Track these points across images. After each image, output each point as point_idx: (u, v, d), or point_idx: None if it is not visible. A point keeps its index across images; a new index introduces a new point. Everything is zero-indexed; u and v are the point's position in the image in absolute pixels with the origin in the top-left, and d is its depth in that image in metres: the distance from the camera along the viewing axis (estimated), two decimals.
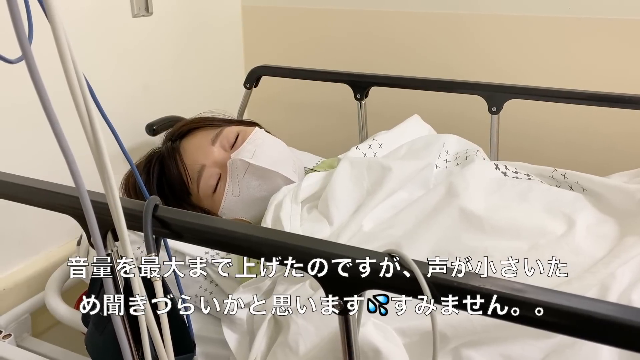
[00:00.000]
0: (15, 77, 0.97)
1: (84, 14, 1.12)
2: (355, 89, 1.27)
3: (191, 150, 0.98)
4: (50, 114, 0.33)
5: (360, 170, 0.89)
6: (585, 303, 0.42)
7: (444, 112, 1.31)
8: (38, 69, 0.32)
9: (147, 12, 1.27)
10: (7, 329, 0.99)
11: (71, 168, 0.36)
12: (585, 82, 1.22)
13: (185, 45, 1.40)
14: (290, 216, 0.83)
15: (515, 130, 1.28)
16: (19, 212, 1.03)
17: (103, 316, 0.67)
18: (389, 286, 0.48)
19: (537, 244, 0.74)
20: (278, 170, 0.94)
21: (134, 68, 1.27)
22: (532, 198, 0.84)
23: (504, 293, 0.44)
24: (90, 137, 0.38)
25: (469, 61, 1.37)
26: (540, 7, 1.26)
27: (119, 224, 0.43)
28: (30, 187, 0.61)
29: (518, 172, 0.94)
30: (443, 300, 0.45)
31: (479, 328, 0.60)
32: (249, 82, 1.36)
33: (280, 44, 1.59)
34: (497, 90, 1.15)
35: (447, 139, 1.02)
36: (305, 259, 0.50)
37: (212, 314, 0.85)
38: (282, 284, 0.76)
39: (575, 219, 0.77)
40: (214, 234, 0.55)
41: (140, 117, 1.28)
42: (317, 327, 0.66)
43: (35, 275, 1.09)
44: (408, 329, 0.63)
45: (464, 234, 0.77)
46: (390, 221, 0.83)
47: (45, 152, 1.04)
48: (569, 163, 1.03)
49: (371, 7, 1.44)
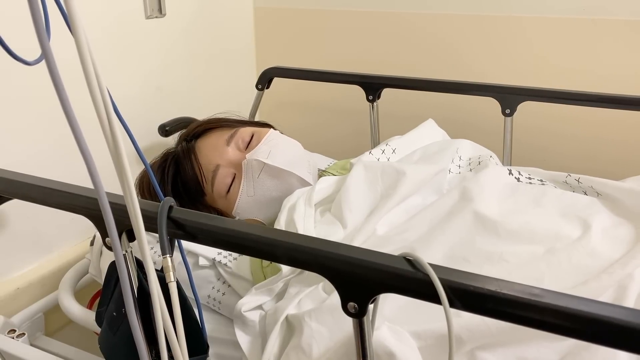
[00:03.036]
0: (29, 79, 0.99)
1: (98, 16, 1.13)
2: (367, 90, 1.27)
3: (206, 150, 0.99)
4: (70, 116, 0.33)
5: (375, 174, 0.89)
6: (603, 308, 0.41)
7: (456, 114, 1.30)
8: (59, 72, 0.32)
9: (160, 14, 1.27)
10: (21, 327, 1.00)
11: (90, 170, 0.36)
12: (600, 84, 1.21)
13: (198, 47, 1.41)
14: (304, 218, 0.83)
15: (529, 132, 1.28)
16: (33, 212, 1.04)
17: (117, 316, 0.67)
18: (404, 290, 0.47)
19: (552, 248, 0.73)
20: (293, 170, 0.94)
21: (147, 69, 1.27)
22: (546, 203, 0.83)
23: (521, 297, 0.43)
24: (109, 140, 0.38)
25: (483, 63, 1.36)
26: (555, 9, 1.26)
27: (137, 226, 0.43)
28: (47, 188, 0.61)
29: (531, 178, 0.93)
30: (459, 304, 0.44)
31: (494, 331, 0.60)
32: (261, 83, 1.37)
33: (291, 46, 1.59)
34: (511, 92, 1.14)
35: (461, 144, 1.02)
36: (320, 262, 0.50)
37: (225, 315, 0.85)
38: (294, 286, 0.76)
39: (590, 223, 0.76)
40: (229, 235, 0.55)
41: (153, 118, 1.29)
42: (331, 330, 0.66)
43: (48, 274, 1.10)
44: (423, 332, 0.63)
45: (478, 238, 0.77)
46: (404, 225, 0.83)
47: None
48: (582, 165, 1.02)
49: (383, 8, 1.43)
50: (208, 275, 0.87)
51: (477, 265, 0.72)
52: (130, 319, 0.48)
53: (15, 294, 1.04)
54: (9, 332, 0.92)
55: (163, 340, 0.48)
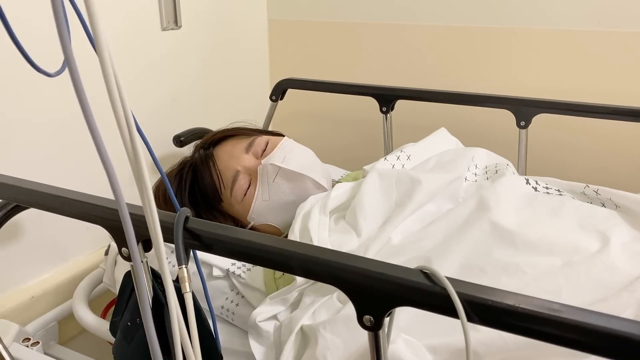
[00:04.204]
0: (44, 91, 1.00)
1: (115, 27, 1.15)
2: (381, 102, 1.27)
3: (225, 157, 1.00)
4: (93, 128, 0.34)
5: (389, 182, 0.89)
6: (625, 325, 0.40)
7: (471, 126, 1.29)
8: (82, 84, 0.33)
9: (176, 26, 1.29)
10: (35, 336, 1.00)
11: (111, 181, 0.37)
12: (615, 96, 1.20)
13: (213, 58, 1.42)
14: (319, 227, 0.83)
15: (544, 144, 1.27)
16: (48, 221, 1.05)
17: (131, 326, 0.68)
18: (421, 303, 0.47)
19: (570, 261, 0.72)
20: (308, 173, 0.95)
21: (163, 80, 1.29)
22: (564, 214, 0.83)
23: (540, 312, 0.42)
24: (130, 152, 0.38)
25: (497, 74, 1.36)
26: (571, 21, 1.25)
27: (155, 237, 0.44)
28: (65, 197, 0.62)
29: (549, 188, 0.92)
30: (477, 319, 0.44)
31: (511, 346, 0.59)
32: (275, 94, 1.37)
33: (305, 57, 1.60)
34: (526, 104, 1.14)
35: (477, 152, 1.01)
36: (336, 274, 0.50)
37: (238, 326, 0.85)
38: (309, 296, 0.76)
39: (609, 236, 0.75)
40: (245, 246, 0.55)
41: (168, 128, 1.30)
42: (346, 342, 0.65)
43: (63, 283, 1.11)
44: (439, 346, 0.62)
45: (495, 249, 0.76)
46: (420, 234, 0.83)
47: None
48: (599, 179, 1.01)
49: (397, 20, 1.44)
50: (222, 286, 0.87)
51: (493, 276, 0.72)
52: (148, 329, 0.48)
53: (30, 302, 1.05)
54: (23, 341, 0.93)
55: (179, 351, 0.48)
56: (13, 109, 0.98)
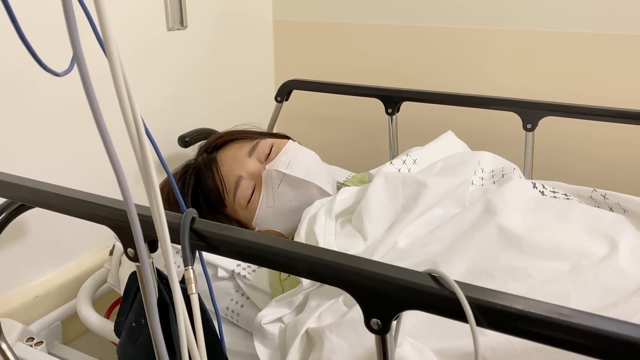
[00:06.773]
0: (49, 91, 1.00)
1: (121, 27, 1.15)
2: (387, 103, 1.27)
3: (228, 161, 0.99)
4: (102, 128, 0.33)
5: (395, 186, 0.88)
6: (635, 330, 0.40)
7: (477, 129, 1.29)
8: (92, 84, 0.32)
9: (181, 26, 1.29)
10: (39, 335, 1.00)
11: (120, 182, 0.36)
12: (622, 99, 1.20)
13: (218, 59, 1.42)
14: (325, 230, 0.83)
15: (550, 148, 1.26)
16: (53, 221, 1.05)
17: (136, 327, 0.67)
18: (429, 307, 0.47)
19: (578, 265, 0.72)
20: (312, 180, 0.94)
21: (168, 80, 1.29)
22: (571, 218, 0.82)
23: (550, 317, 0.42)
24: (138, 154, 0.38)
25: (504, 77, 1.35)
26: (577, 24, 1.25)
27: (162, 238, 0.43)
28: (71, 197, 0.61)
29: (556, 192, 0.92)
30: (485, 323, 0.44)
31: (519, 351, 0.59)
32: (280, 95, 1.37)
33: (310, 59, 1.60)
34: (532, 106, 1.13)
35: (483, 156, 1.01)
36: (343, 277, 0.50)
37: (243, 327, 0.85)
38: (315, 299, 0.76)
39: (618, 241, 0.75)
40: (251, 247, 0.55)
41: (173, 128, 1.30)
42: (351, 345, 0.65)
43: (67, 283, 1.11)
44: (446, 350, 0.62)
45: (502, 253, 0.75)
46: (426, 238, 0.82)
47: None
48: (606, 183, 1.01)
49: (403, 22, 1.44)
50: (227, 287, 0.87)
51: (500, 280, 0.71)
52: (154, 330, 0.48)
53: (34, 301, 1.05)
54: (27, 340, 0.93)
55: (186, 352, 0.48)
56: (19, 108, 0.98)
